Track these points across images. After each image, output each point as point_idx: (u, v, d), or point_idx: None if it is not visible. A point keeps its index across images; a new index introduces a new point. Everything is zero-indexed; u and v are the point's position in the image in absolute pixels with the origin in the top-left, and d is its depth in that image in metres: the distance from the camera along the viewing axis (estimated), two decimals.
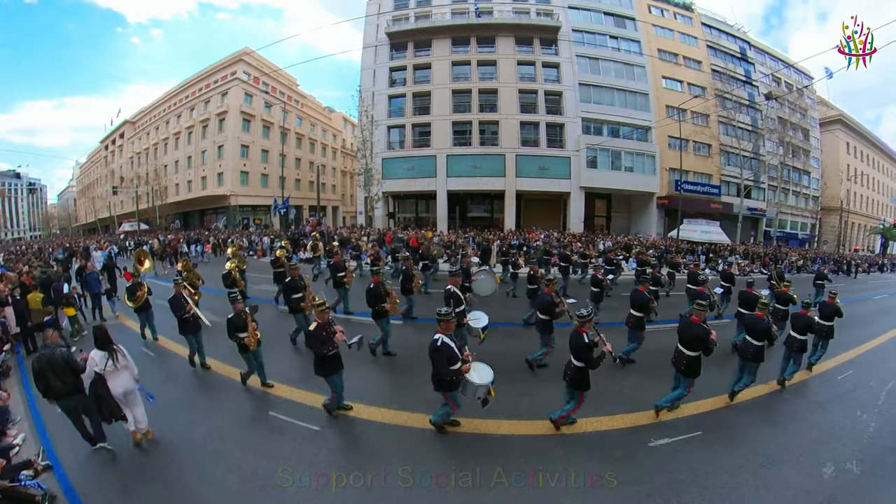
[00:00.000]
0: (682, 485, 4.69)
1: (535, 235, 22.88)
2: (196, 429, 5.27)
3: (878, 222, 46.03)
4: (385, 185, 26.02)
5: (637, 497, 4.43)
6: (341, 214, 44.00)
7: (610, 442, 5.38)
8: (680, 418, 6.01)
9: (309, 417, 5.42)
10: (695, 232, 26.91)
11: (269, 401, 5.94)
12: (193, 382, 6.73)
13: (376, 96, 27.26)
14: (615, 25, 29.86)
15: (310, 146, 40.13)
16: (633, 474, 4.77)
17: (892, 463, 5.64)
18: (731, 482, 4.88)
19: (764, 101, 33.84)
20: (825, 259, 30.23)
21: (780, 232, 35.19)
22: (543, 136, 26.54)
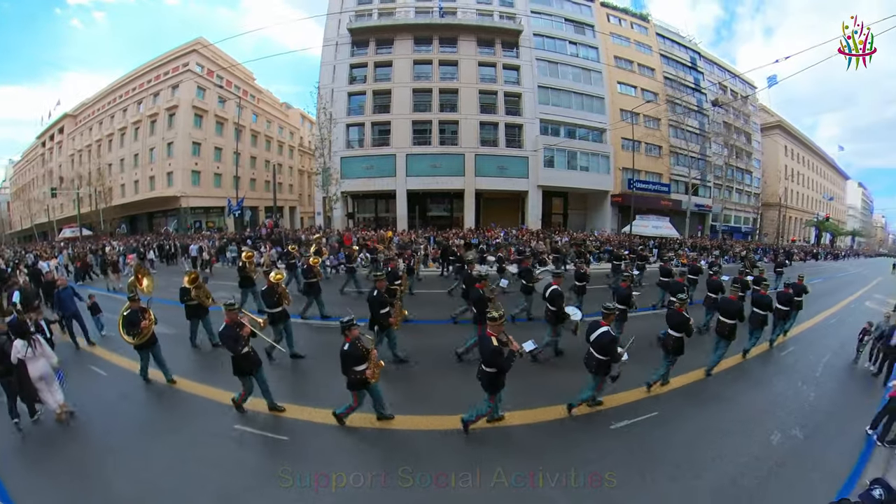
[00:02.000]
0: (643, 462, 4.96)
1: (494, 233, 23.42)
2: None
3: (812, 216, 50.60)
4: (344, 185, 25.49)
5: (603, 476, 4.62)
6: (299, 215, 42.54)
7: (574, 427, 5.60)
8: (637, 401, 6.37)
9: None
10: (646, 227, 28.50)
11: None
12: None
13: (336, 93, 26.66)
14: (575, 32, 30.91)
15: (266, 144, 38.43)
16: (596, 455, 5.04)
17: (831, 427, 6.24)
18: (689, 456, 5.23)
19: (711, 107, 35.96)
20: (766, 250, 32.74)
21: (725, 226, 37.80)
22: (502, 136, 27.00)
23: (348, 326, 4.87)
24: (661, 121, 32.68)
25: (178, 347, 7.83)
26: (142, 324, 6.23)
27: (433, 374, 7.03)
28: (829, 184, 57.58)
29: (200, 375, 6.91)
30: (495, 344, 4.74)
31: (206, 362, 7.60)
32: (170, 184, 31.07)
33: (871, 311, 14.49)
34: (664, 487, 4.56)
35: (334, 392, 5.68)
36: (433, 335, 8.89)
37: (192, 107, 30.95)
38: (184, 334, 8.19)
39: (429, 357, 7.55)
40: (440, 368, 7.18)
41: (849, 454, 5.55)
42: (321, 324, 9.59)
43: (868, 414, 6.30)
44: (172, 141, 31.02)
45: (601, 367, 5.35)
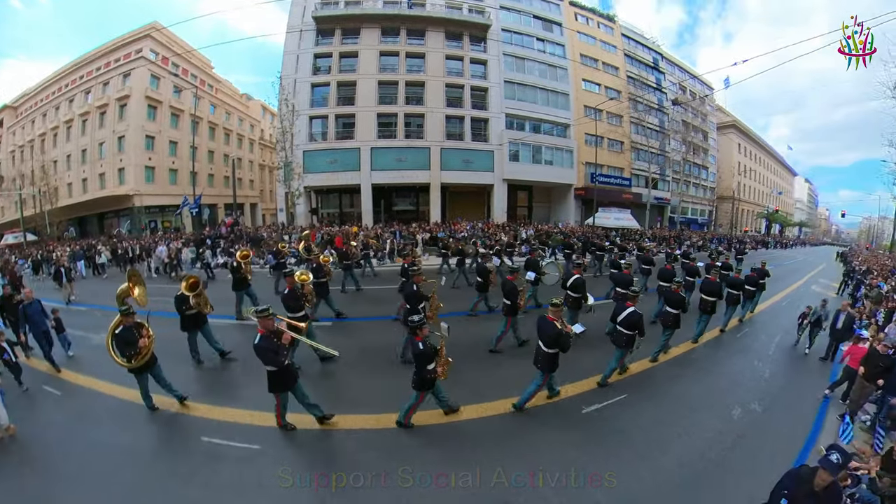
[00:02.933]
0: (614, 443, 5.17)
1: (460, 227, 23.37)
2: None
3: (763, 209, 53.52)
4: (307, 180, 24.64)
5: (577, 459, 4.76)
6: (260, 212, 40.69)
7: (546, 413, 5.70)
8: (604, 386, 6.56)
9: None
10: (608, 219, 29.34)
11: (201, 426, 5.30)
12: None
13: (298, 84, 25.69)
14: (543, 29, 31.08)
15: (224, 137, 35.99)
16: (570, 439, 5.16)
17: (785, 399, 6.70)
18: (657, 434, 5.44)
19: (671, 106, 37.21)
20: (720, 240, 34.31)
21: (683, 217, 39.34)
22: (468, 130, 26.89)
23: (419, 326, 4.81)
24: (623, 118, 33.52)
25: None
26: (139, 343, 5.23)
27: (470, 363, 6.94)
28: (779, 179, 61.14)
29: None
30: (559, 327, 5.23)
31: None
32: (121, 181, 28.57)
33: (818, 294, 15.83)
34: (635, 465, 4.73)
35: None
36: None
37: (145, 97, 28.71)
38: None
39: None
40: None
41: (803, 424, 6.01)
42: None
43: (818, 386, 7.00)
44: (124, 134, 28.56)
45: (629, 341, 6.30)
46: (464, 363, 6.53)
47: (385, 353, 7.20)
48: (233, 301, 9.18)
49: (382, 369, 6.80)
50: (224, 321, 8.82)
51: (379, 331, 8.60)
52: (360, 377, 6.62)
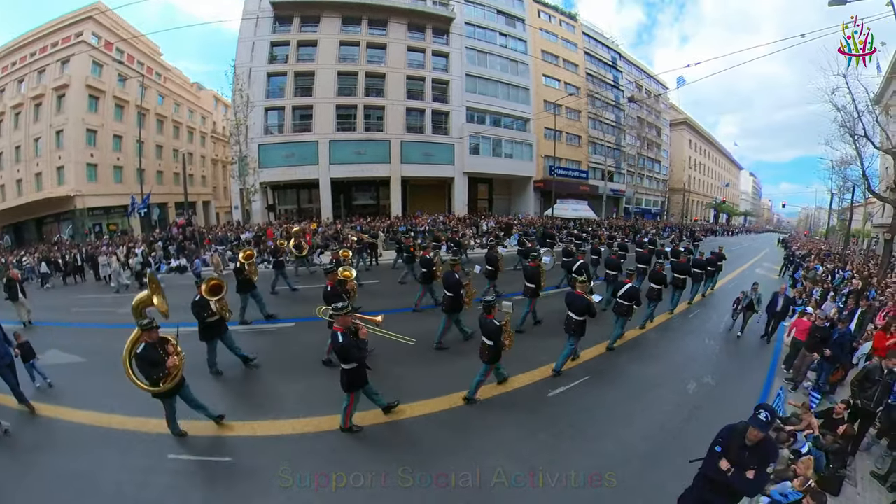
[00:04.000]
0: (582, 422, 5.36)
1: (421, 220, 23.23)
2: None
3: (711, 199, 56.71)
4: (263, 175, 23.43)
5: (547, 441, 4.91)
6: (214, 210, 37.64)
7: (515, 400, 5.83)
8: (569, 369, 6.75)
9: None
10: (566, 210, 30.00)
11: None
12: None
13: (254, 73, 24.21)
14: (506, 24, 31.00)
15: (174, 130, 32.89)
16: (540, 422, 5.29)
17: (734, 371, 7.21)
18: (620, 411, 5.72)
19: (627, 103, 38.51)
20: (672, 228, 35.83)
21: (637, 208, 41.20)
22: (429, 122, 26.58)
23: (492, 306, 5.47)
24: (581, 113, 34.34)
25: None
26: (168, 362, 4.53)
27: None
28: (726, 173, 64.74)
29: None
30: (587, 299, 6.34)
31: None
32: (61, 181, 25.30)
33: (762, 276, 17.41)
34: (602, 441, 5.00)
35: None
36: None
37: (86, 86, 25.79)
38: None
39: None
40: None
41: (752, 394, 6.48)
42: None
43: (763, 359, 7.86)
44: (62, 128, 25.39)
45: (629, 310, 7.58)
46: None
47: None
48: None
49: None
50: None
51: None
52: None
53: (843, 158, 21.61)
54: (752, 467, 3.08)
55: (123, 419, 5.20)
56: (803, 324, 7.24)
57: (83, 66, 25.97)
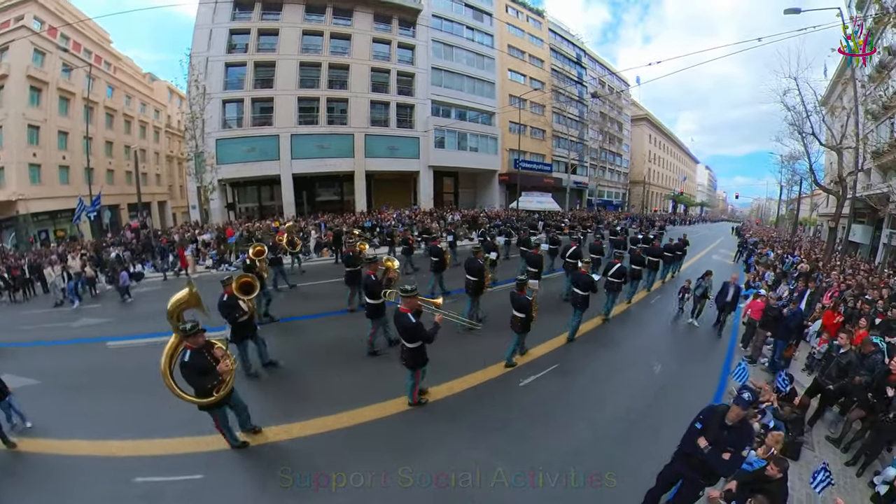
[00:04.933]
0: (554, 408, 5.47)
1: (387, 216, 22.85)
2: None
3: (670, 191, 59.13)
4: (221, 171, 21.86)
5: (523, 430, 4.95)
6: (170, 210, 35.11)
7: (488, 391, 5.86)
8: (536, 359, 6.85)
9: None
10: (531, 202, 30.43)
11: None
12: None
13: (211, 63, 22.71)
14: (473, 18, 30.75)
15: (125, 125, 30.11)
16: (512, 411, 5.35)
17: (695, 352, 7.54)
18: (591, 395, 5.87)
19: (590, 99, 39.33)
20: (633, 219, 37.20)
21: (599, 200, 42.58)
22: (394, 116, 26.13)
23: (524, 283, 6.19)
24: (545, 107, 34.86)
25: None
26: (220, 367, 4.10)
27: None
28: (684, 166, 67.64)
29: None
30: (591, 276, 7.53)
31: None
32: (0, 184, 22.46)
33: (718, 262, 18.65)
34: (574, 425, 5.12)
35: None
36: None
37: (26, 77, 23.02)
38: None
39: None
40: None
41: (713, 374, 6.82)
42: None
43: (723, 340, 8.16)
44: (1, 124, 22.64)
45: (619, 287, 8.75)
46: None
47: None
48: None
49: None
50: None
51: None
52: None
53: (791, 154, 23.22)
54: (729, 449, 3.17)
55: (88, 444, 4.75)
56: (758, 304, 7.79)
57: (24, 55, 23.18)
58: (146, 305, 9.97)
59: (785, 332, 7.01)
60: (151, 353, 6.35)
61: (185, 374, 4.03)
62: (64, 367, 6.72)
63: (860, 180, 18.23)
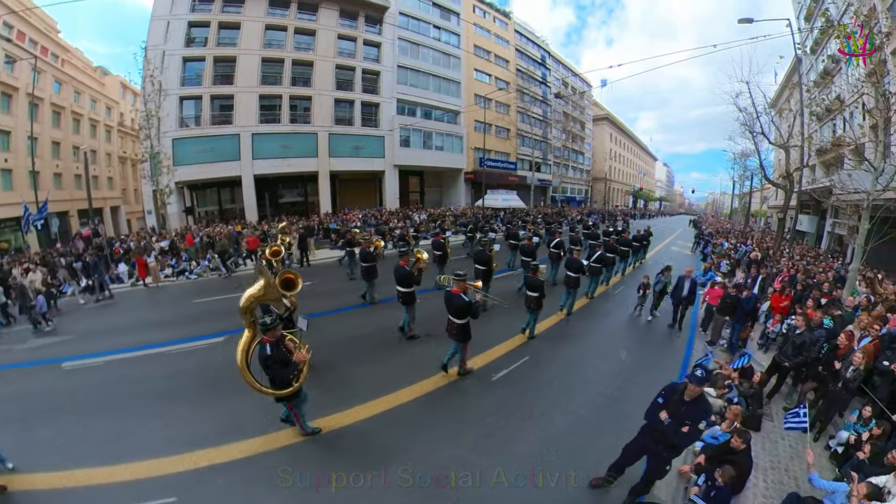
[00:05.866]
0: (528, 399, 5.58)
1: (352, 217, 22.61)
2: None
3: (630, 187, 61.74)
4: (178, 173, 20.60)
5: (499, 422, 5.02)
6: (124, 216, 32.42)
7: (463, 388, 5.88)
8: (509, 352, 7.00)
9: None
10: (497, 200, 31.08)
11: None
12: None
13: (168, 57, 21.46)
14: (440, 17, 30.70)
15: (73, 124, 27.22)
16: (489, 406, 5.38)
17: (658, 337, 8.03)
18: (563, 384, 6.04)
19: (554, 99, 40.33)
20: (596, 213, 38.80)
21: (563, 196, 44.06)
22: (358, 114, 25.81)
23: (536, 267, 7.50)
24: (510, 107, 35.54)
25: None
26: (296, 357, 4.22)
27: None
28: (644, 163, 70.65)
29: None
30: (580, 259, 9.15)
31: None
32: None
33: (677, 253, 19.62)
34: (550, 414, 5.27)
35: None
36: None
37: None
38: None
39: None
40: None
41: (677, 357, 7.21)
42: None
43: (683, 327, 8.43)
44: None
45: (600, 271, 10.68)
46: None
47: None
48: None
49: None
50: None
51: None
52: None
53: (743, 151, 24.95)
54: (687, 423, 3.38)
55: (51, 477, 4.27)
56: (715, 291, 8.32)
57: None
58: (100, 321, 9.32)
59: (741, 316, 7.59)
60: (111, 372, 6.41)
61: (269, 366, 4.10)
62: (15, 394, 6.08)
63: (805, 175, 19.92)
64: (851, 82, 15.42)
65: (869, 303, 8.22)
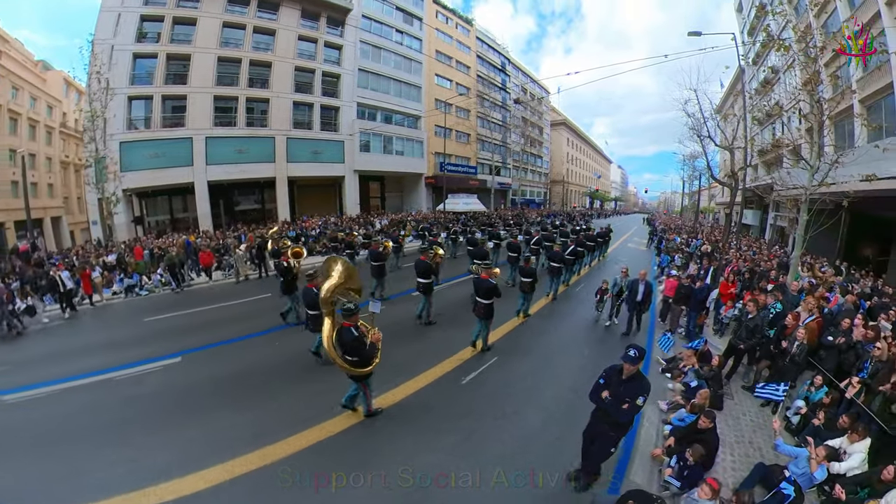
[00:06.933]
0: (500, 401, 5.57)
1: (312, 224, 22.00)
2: None
3: (586, 189, 64.86)
4: (126, 180, 18.94)
5: (470, 425, 4.98)
6: (66, 227, 28.84)
7: (433, 393, 5.77)
8: (476, 355, 6.98)
9: None
10: (458, 204, 31.57)
11: None
12: None
13: (117, 52, 19.92)
14: (403, 21, 30.67)
15: (10, 124, 24.37)
16: (462, 409, 5.34)
17: (616, 332, 8.21)
18: (532, 382, 6.10)
19: (513, 105, 41.54)
20: (555, 215, 40.27)
21: (522, 199, 45.60)
22: (317, 118, 25.34)
23: (529, 258, 9.47)
24: (470, 112, 36.42)
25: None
26: (373, 338, 4.67)
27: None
28: (599, 166, 74.23)
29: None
30: (562, 253, 11.19)
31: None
32: None
33: (633, 249, 20.78)
34: (523, 411, 5.31)
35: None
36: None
37: None
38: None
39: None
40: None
41: (640, 345, 7.02)
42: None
43: (643, 319, 8.57)
44: None
45: (574, 262, 12.43)
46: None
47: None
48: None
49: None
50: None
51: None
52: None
53: (692, 153, 26.22)
54: (627, 400, 3.56)
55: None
56: (671, 283, 8.84)
57: None
58: (44, 345, 8.34)
59: (696, 305, 8.12)
60: (60, 402, 5.71)
61: (356, 347, 4.53)
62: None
63: (749, 174, 21.48)
64: (789, 90, 17.10)
65: (811, 286, 8.99)
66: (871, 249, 14.80)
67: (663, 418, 5.44)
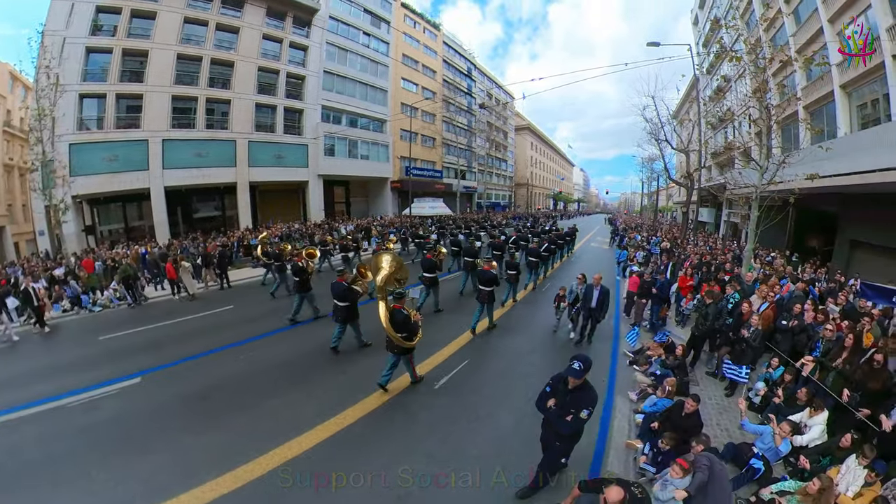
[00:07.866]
0: (473, 402, 5.54)
1: (275, 230, 20.80)
2: None
3: (550, 191, 67.35)
4: (76, 185, 17.46)
5: (446, 428, 4.94)
6: (10, 238, 25.54)
7: (406, 398, 5.70)
8: (448, 358, 6.95)
9: None
10: (424, 208, 31.54)
11: None
12: None
13: (68, 45, 18.44)
14: (371, 24, 30.33)
15: None
16: (436, 414, 5.27)
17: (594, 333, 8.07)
18: (505, 382, 6.12)
19: (478, 109, 42.29)
20: (520, 217, 41.21)
21: (488, 202, 46.67)
22: (281, 121, 24.69)
23: (513, 252, 11.04)
24: (436, 116, 36.78)
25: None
26: (414, 317, 5.70)
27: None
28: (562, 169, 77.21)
29: None
30: (539, 250, 12.66)
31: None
32: None
33: (596, 248, 21.40)
34: (495, 413, 5.30)
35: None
36: None
37: None
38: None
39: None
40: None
41: (607, 348, 7.58)
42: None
43: (608, 314, 8.39)
44: None
45: (547, 259, 13.36)
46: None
47: None
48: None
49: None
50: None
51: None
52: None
53: (650, 156, 28.29)
54: (571, 411, 3.42)
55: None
56: (634, 280, 9.20)
57: None
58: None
59: (658, 299, 8.47)
60: (6, 435, 4.98)
61: (407, 326, 5.57)
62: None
63: (704, 175, 22.78)
64: (740, 98, 18.27)
65: (765, 276, 9.54)
66: (816, 241, 15.83)
67: (634, 408, 5.61)
